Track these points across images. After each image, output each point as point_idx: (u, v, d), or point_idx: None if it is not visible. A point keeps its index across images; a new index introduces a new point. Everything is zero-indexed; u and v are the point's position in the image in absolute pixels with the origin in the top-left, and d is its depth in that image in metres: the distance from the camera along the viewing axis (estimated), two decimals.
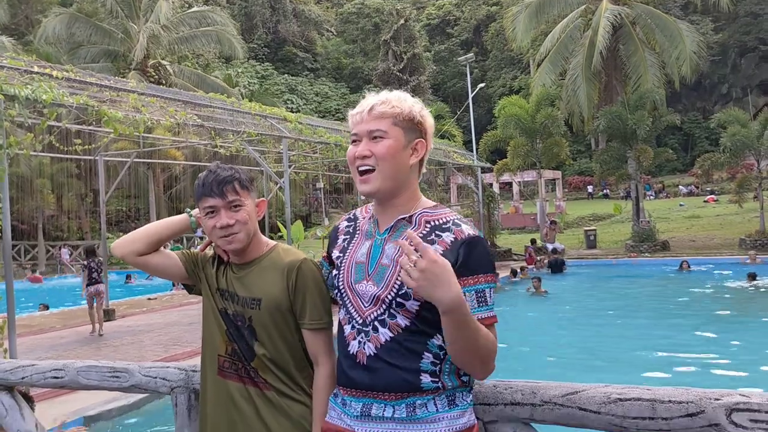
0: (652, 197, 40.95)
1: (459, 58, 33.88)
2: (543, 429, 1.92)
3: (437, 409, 1.74)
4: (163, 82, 29.00)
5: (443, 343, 1.72)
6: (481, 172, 25.09)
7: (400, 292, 1.73)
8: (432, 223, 1.81)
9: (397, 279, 1.74)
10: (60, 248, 30.70)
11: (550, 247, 21.79)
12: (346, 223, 2.02)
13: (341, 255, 1.93)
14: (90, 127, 10.70)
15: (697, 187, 43.71)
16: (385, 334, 1.75)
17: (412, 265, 1.56)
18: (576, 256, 22.81)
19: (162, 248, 2.18)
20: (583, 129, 27.77)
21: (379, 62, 58.12)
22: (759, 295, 14.55)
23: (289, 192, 11.38)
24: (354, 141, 1.86)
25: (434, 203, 1.90)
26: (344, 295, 1.87)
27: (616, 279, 18.73)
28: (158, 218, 26.55)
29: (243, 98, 26.41)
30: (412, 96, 1.90)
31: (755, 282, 15.41)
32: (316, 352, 2.03)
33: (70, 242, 32.24)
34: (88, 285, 11.54)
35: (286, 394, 2.00)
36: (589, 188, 49.20)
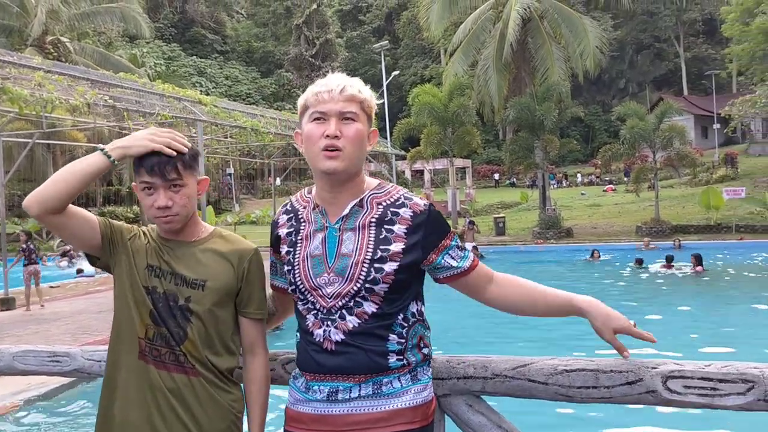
0: (555, 186, 42.63)
1: (374, 46, 34.10)
2: (492, 401, 2.01)
3: (402, 385, 1.80)
4: (63, 59, 27.53)
5: (403, 321, 1.81)
6: (395, 160, 25.36)
7: (368, 278, 1.75)
8: (384, 203, 1.84)
9: (362, 268, 1.76)
10: None
11: (470, 246, 22.33)
12: (285, 216, 1.96)
13: (291, 250, 1.89)
14: None
15: (597, 177, 45.83)
16: (352, 321, 1.76)
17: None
18: (486, 243, 23.50)
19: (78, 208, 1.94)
20: (493, 119, 28.57)
21: (291, 47, 57.56)
22: (650, 278, 15.58)
23: None
24: (318, 119, 1.80)
25: (377, 182, 1.90)
26: (304, 290, 1.84)
27: (528, 264, 19.47)
28: None
29: (151, 79, 25.44)
30: None
31: (642, 267, 16.56)
32: (255, 341, 2.00)
33: None
34: (27, 265, 12.64)
35: (214, 382, 1.92)
36: (496, 176, 50.60)
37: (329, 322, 1.79)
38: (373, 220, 1.81)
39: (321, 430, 1.81)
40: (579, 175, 48.07)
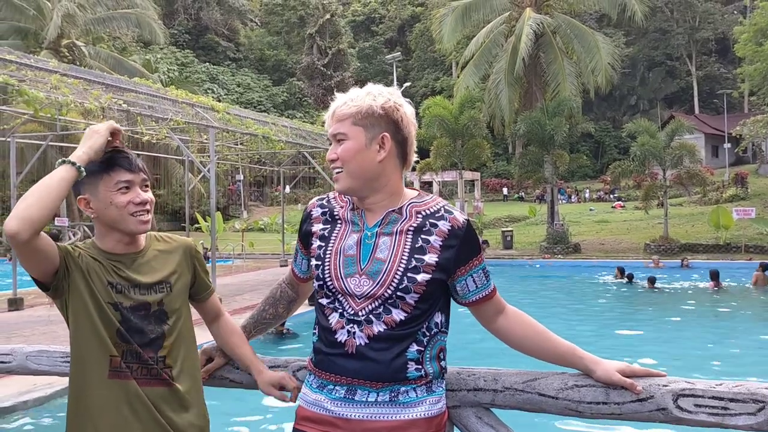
0: (564, 201, 42.53)
1: (386, 57, 34.22)
2: (502, 414, 2.01)
3: (417, 395, 1.80)
4: (78, 63, 27.74)
5: (426, 330, 1.81)
6: None
7: (400, 286, 1.76)
8: (423, 213, 1.84)
9: (395, 275, 1.76)
10: None
11: None
12: (320, 210, 1.97)
13: (323, 245, 1.89)
14: (3, 107, 10.15)
15: (607, 193, 45.65)
16: (379, 325, 1.77)
17: None
18: (493, 256, 23.45)
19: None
20: (503, 132, 28.57)
21: (304, 56, 57.80)
22: (655, 294, 15.52)
23: (215, 183, 11.18)
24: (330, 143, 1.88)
25: (416, 192, 1.91)
26: (332, 287, 1.84)
27: (540, 279, 19.48)
28: (67, 205, 25.49)
29: (164, 85, 25.62)
30: (382, 88, 1.86)
31: (632, 282, 16.74)
32: (216, 310, 2.18)
33: None
34: None
35: (186, 385, 1.99)
36: (505, 190, 50.51)
37: (354, 325, 1.79)
38: (411, 228, 1.82)
39: None
40: (587, 190, 47.95)
